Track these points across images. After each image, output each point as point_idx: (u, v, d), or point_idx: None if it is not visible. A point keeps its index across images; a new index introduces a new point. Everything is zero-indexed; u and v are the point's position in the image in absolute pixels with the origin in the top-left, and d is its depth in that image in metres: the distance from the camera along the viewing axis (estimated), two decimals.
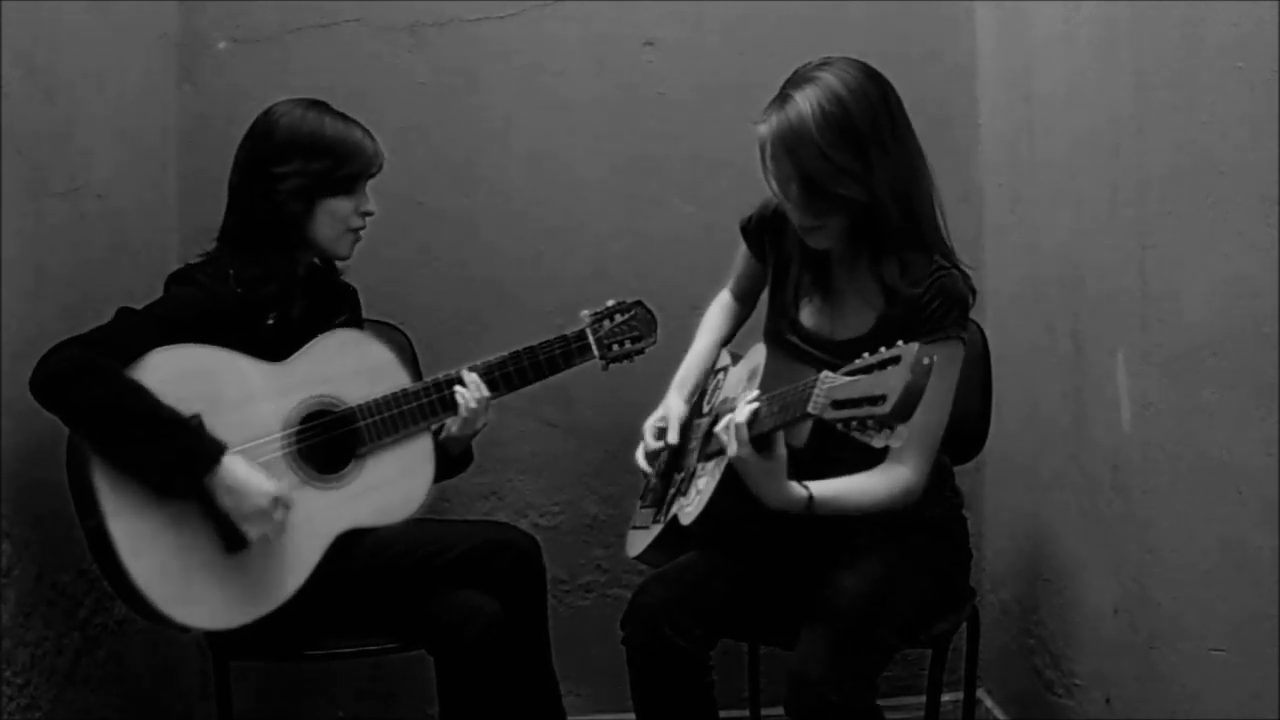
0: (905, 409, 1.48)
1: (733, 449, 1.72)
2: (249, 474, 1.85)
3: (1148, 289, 1.89)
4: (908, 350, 1.50)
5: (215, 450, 1.83)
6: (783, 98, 1.83)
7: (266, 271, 2.00)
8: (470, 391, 2.09)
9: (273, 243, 2.01)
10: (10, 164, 1.85)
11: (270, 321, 2.00)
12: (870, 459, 1.85)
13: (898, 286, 1.86)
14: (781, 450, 1.73)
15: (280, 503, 1.87)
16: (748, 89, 2.57)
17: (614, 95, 2.64)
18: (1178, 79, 1.79)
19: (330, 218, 2.03)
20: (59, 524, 1.94)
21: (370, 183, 2.09)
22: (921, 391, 1.48)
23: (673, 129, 2.65)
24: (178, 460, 1.82)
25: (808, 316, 1.99)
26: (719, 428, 1.77)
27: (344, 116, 2.06)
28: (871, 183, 1.81)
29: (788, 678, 1.77)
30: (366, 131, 2.06)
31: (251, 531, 1.86)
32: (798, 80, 1.84)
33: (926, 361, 1.49)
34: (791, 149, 1.79)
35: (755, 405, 1.72)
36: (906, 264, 1.87)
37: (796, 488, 1.76)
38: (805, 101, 1.79)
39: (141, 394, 1.82)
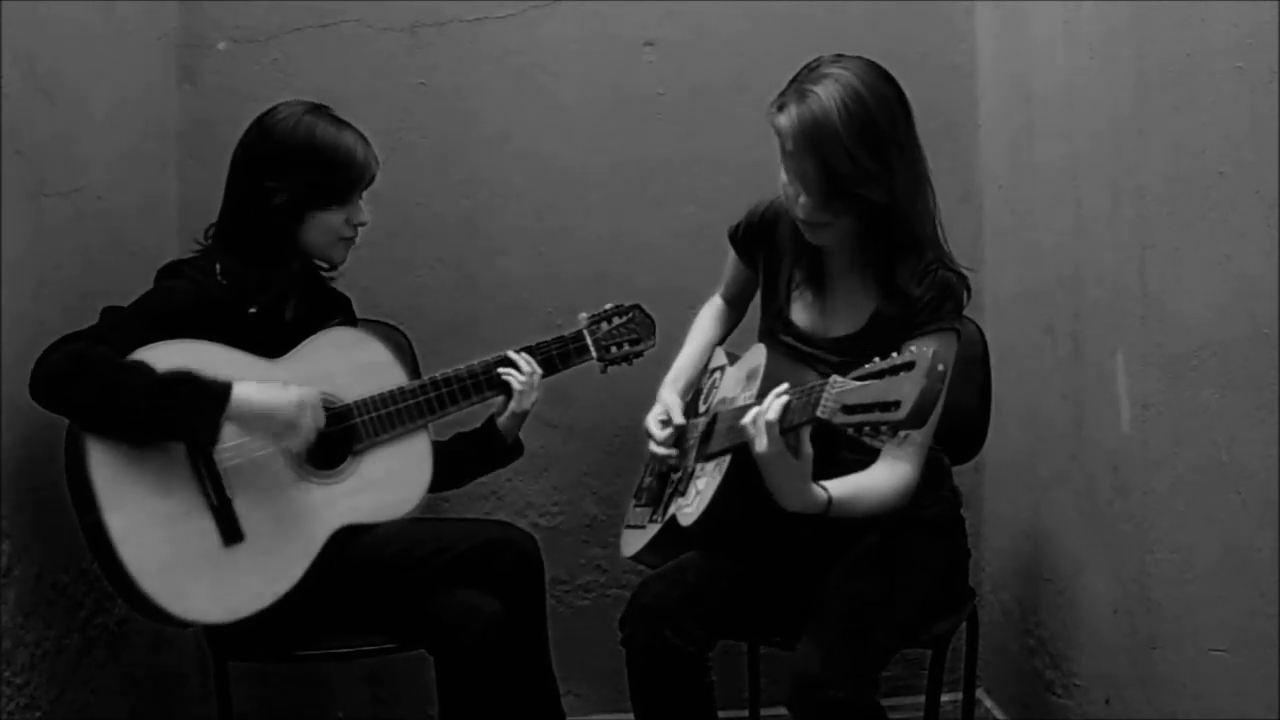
0: (921, 415, 1.46)
1: (762, 444, 1.68)
2: (265, 393, 1.88)
3: (1148, 289, 1.89)
4: (922, 356, 1.49)
5: (222, 387, 1.85)
6: (801, 92, 1.79)
7: (254, 273, 2.00)
8: (523, 365, 2.14)
9: (262, 249, 2.01)
10: (10, 164, 1.85)
11: (253, 310, 2.00)
12: (869, 459, 1.85)
13: (908, 288, 1.85)
14: (808, 449, 1.69)
15: (306, 405, 1.90)
16: (748, 89, 2.59)
17: (614, 96, 2.64)
18: (1178, 79, 1.79)
19: (320, 229, 2.03)
20: (59, 524, 1.94)
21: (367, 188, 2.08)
22: (938, 397, 1.47)
23: (672, 129, 2.65)
24: (192, 408, 1.84)
25: (800, 316, 1.99)
26: (745, 421, 1.71)
27: (339, 123, 2.04)
28: (891, 185, 1.80)
29: (790, 678, 1.77)
30: (361, 137, 2.05)
31: (296, 443, 1.90)
32: (815, 76, 1.81)
33: (941, 368, 1.48)
34: (816, 145, 1.76)
35: (786, 399, 1.68)
36: (909, 265, 1.87)
37: (817, 490, 1.74)
38: (829, 98, 1.76)
39: (138, 368, 1.83)
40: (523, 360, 2.16)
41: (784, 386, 1.71)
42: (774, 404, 1.68)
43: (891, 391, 1.50)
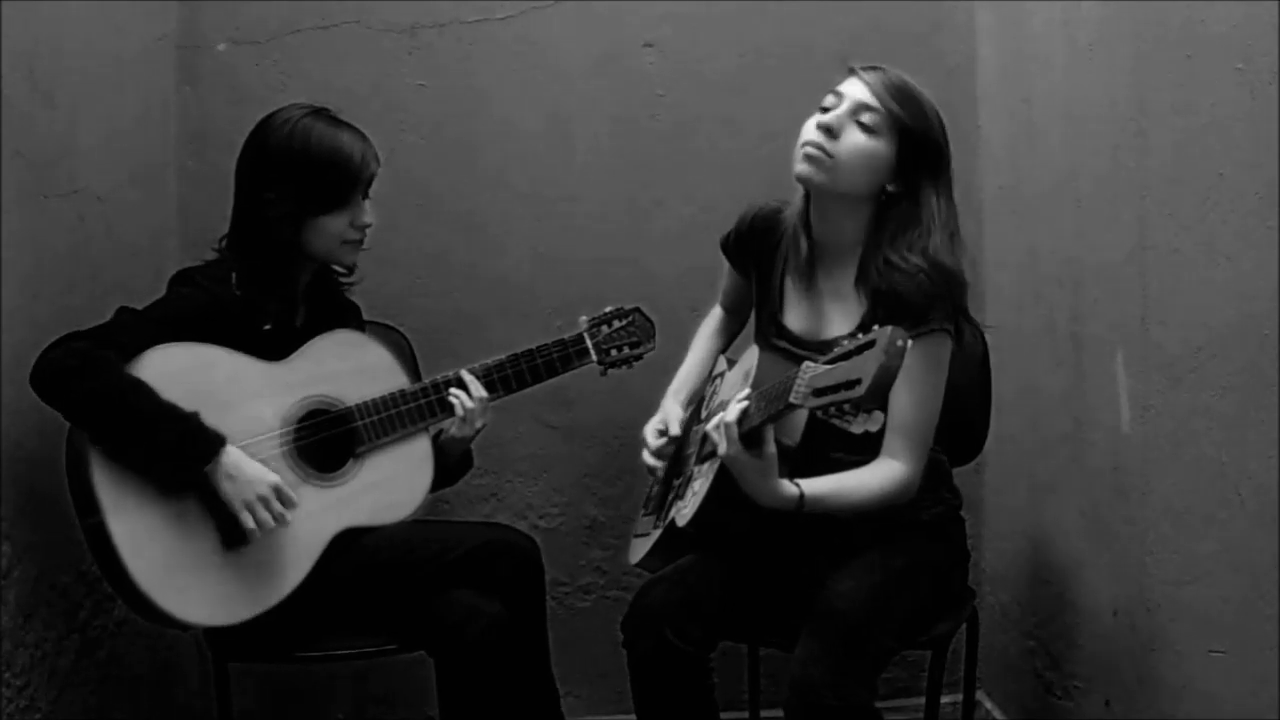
0: (879, 391, 1.48)
1: (723, 447, 1.74)
2: (250, 462, 1.87)
3: (1148, 290, 1.89)
4: (882, 333, 1.51)
5: (216, 440, 1.85)
6: (877, 67, 1.91)
7: (266, 282, 2.01)
8: (472, 389, 2.09)
9: (269, 259, 2.01)
10: (10, 166, 1.85)
11: (268, 327, 2.00)
12: (864, 459, 1.85)
13: (902, 277, 1.85)
14: (771, 448, 1.73)
15: (281, 493, 1.88)
16: (748, 90, 2.59)
17: (614, 96, 2.64)
18: (1178, 79, 1.79)
19: (322, 234, 2.02)
20: (59, 525, 1.94)
21: (372, 189, 2.07)
22: (895, 373, 1.49)
23: (673, 130, 2.65)
24: (179, 451, 1.83)
25: (793, 320, 2.00)
26: (709, 427, 1.78)
27: (338, 124, 2.03)
28: (944, 145, 1.90)
29: (788, 680, 1.78)
30: (360, 137, 2.04)
31: (249, 520, 1.85)
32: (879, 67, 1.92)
33: (900, 343, 1.50)
34: (901, 96, 1.87)
35: (745, 404, 1.73)
36: (905, 253, 1.87)
37: (787, 486, 1.77)
38: (910, 80, 1.89)
39: (141, 389, 1.82)
40: (470, 384, 2.11)
41: (745, 391, 1.75)
42: (733, 407, 1.74)
43: (855, 370, 1.52)
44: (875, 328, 1.55)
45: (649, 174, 2.65)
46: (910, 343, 1.52)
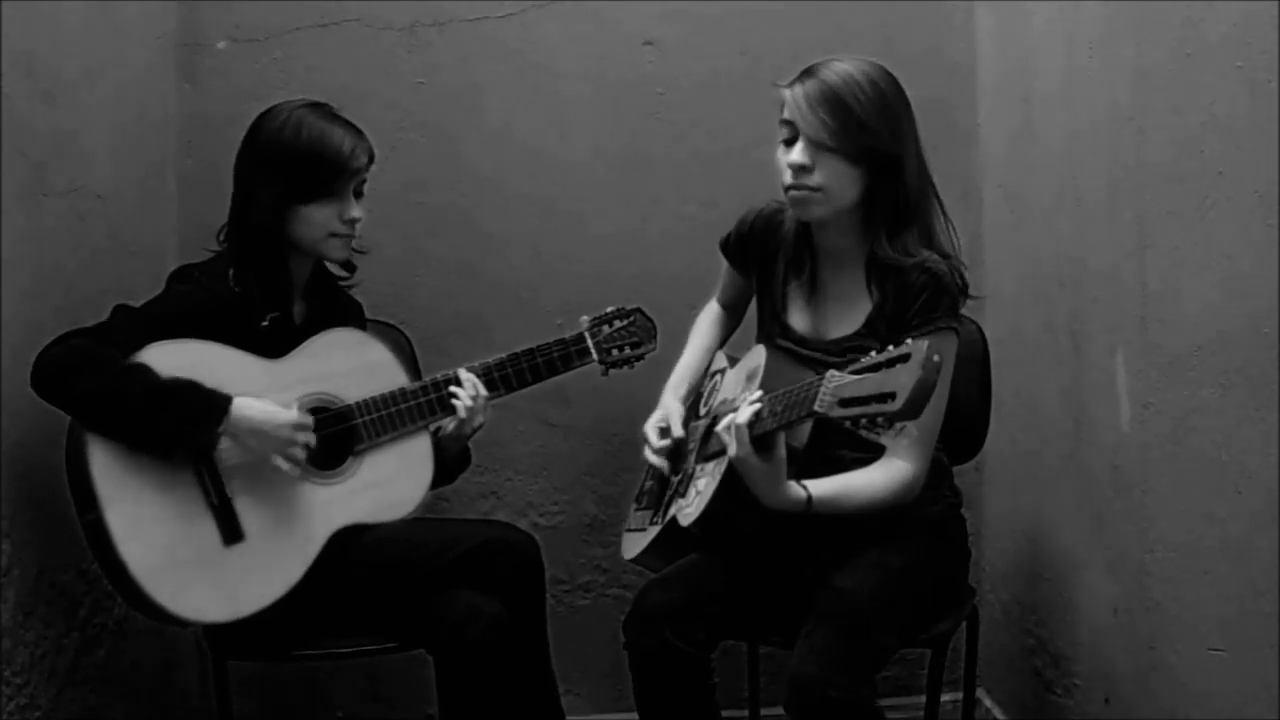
0: (916, 406, 1.49)
1: (733, 449, 1.73)
2: (263, 410, 1.89)
3: (1148, 289, 1.89)
4: (917, 348, 1.51)
5: (223, 400, 1.86)
6: (813, 69, 1.87)
7: (260, 275, 2.01)
8: (467, 390, 2.09)
9: (258, 247, 2.01)
10: (10, 164, 1.85)
11: (265, 323, 2.00)
12: (870, 457, 1.85)
13: (904, 270, 1.86)
14: (781, 452, 1.73)
15: (301, 426, 1.91)
16: (748, 89, 2.59)
17: (614, 95, 2.64)
18: (1178, 79, 1.79)
19: (307, 224, 2.02)
20: (58, 524, 1.94)
21: (366, 185, 2.07)
22: (932, 388, 1.50)
23: (673, 129, 2.65)
24: (190, 417, 1.84)
25: (796, 320, 2.00)
26: (719, 428, 1.77)
27: (331, 118, 2.03)
28: (900, 153, 1.85)
29: (787, 678, 1.78)
30: (353, 131, 2.04)
31: (285, 463, 1.90)
32: (825, 61, 1.88)
33: (936, 359, 1.50)
34: (834, 101, 1.82)
35: (757, 406, 1.73)
36: (905, 245, 1.88)
37: (795, 488, 1.77)
38: (845, 70, 1.85)
39: (141, 370, 1.83)
40: (469, 383, 2.11)
41: (757, 394, 1.75)
42: (745, 409, 1.73)
43: (888, 383, 1.52)
44: (908, 341, 1.54)
45: (648, 173, 2.65)
46: (940, 357, 1.52)
